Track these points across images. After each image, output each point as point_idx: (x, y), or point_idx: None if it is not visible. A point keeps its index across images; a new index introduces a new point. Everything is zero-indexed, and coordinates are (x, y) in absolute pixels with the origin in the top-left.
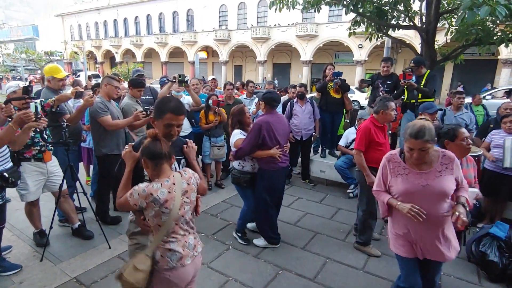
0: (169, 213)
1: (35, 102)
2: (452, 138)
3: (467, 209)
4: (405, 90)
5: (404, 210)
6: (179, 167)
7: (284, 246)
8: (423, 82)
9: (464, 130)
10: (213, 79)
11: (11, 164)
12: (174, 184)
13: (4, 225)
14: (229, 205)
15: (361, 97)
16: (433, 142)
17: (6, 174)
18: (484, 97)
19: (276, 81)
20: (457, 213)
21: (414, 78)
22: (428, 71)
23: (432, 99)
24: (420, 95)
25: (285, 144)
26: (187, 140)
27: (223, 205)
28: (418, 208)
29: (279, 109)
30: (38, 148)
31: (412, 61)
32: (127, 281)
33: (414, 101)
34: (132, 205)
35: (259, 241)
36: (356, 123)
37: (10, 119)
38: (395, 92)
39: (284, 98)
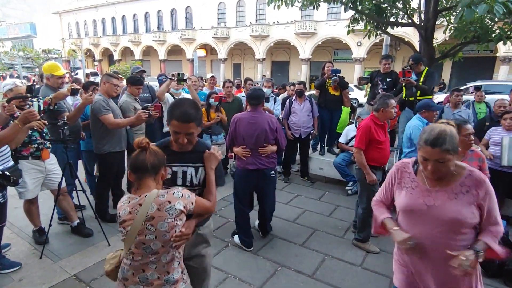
0: (126, 235)
1: (38, 101)
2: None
3: (480, 258)
4: (404, 87)
5: (396, 238)
6: (196, 175)
7: (283, 243)
8: (421, 79)
9: (469, 126)
10: (212, 77)
11: (12, 162)
12: (140, 205)
13: (5, 223)
14: (228, 203)
15: (359, 95)
16: (454, 153)
17: (7, 173)
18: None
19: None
20: (461, 257)
21: (414, 75)
22: (427, 68)
23: (431, 97)
24: (418, 92)
25: (260, 147)
26: (213, 146)
27: (222, 203)
28: (417, 242)
29: (278, 106)
30: (36, 146)
31: (410, 58)
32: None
33: (412, 98)
34: None
35: (236, 238)
36: (356, 121)
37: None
38: (394, 89)
39: (282, 95)
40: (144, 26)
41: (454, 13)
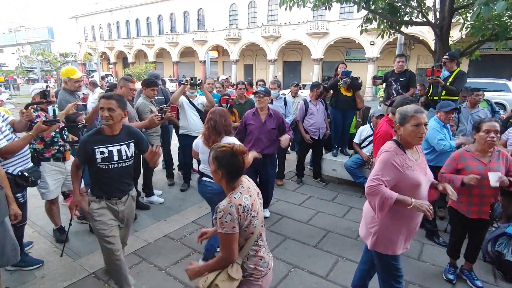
0: (258, 218)
1: (53, 106)
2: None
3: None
4: (431, 86)
5: (423, 207)
6: (128, 150)
7: (296, 244)
8: (450, 79)
9: (488, 124)
10: (226, 79)
11: (31, 164)
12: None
13: (26, 222)
14: None
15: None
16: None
17: (26, 174)
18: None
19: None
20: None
21: (444, 71)
22: (458, 69)
23: (456, 98)
24: (444, 92)
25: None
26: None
27: None
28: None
29: (281, 104)
30: (57, 147)
31: (447, 54)
32: None
33: (437, 97)
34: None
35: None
36: (369, 120)
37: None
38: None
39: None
40: (158, 29)
41: (470, 11)
